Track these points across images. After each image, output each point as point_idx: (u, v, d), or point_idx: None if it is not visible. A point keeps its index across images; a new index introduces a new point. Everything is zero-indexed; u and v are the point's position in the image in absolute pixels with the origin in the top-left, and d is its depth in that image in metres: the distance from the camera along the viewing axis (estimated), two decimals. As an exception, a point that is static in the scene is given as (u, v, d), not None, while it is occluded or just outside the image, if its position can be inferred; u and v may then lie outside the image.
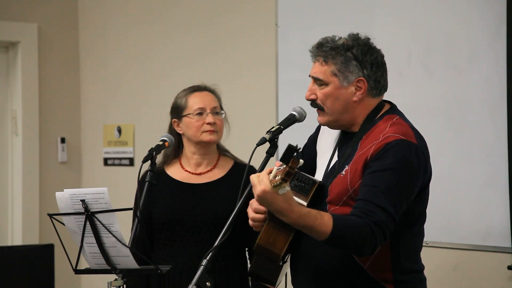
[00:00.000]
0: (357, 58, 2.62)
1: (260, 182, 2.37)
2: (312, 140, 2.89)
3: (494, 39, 3.46)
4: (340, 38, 2.66)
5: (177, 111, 3.39)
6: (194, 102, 3.35)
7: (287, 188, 2.34)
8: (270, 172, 2.41)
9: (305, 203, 2.53)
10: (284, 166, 2.33)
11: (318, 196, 2.59)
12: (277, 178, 2.35)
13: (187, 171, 3.39)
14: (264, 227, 2.58)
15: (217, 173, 3.38)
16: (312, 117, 2.85)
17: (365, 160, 2.53)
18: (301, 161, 2.33)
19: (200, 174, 3.39)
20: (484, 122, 3.51)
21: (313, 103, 2.68)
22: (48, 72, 5.61)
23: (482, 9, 3.51)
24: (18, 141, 5.54)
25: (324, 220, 2.42)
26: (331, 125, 2.71)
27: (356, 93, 2.63)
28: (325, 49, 2.63)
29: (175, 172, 3.41)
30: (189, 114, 3.34)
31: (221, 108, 3.40)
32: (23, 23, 5.52)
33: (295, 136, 3.14)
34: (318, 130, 2.89)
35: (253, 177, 2.39)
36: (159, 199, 3.34)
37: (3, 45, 5.56)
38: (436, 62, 3.66)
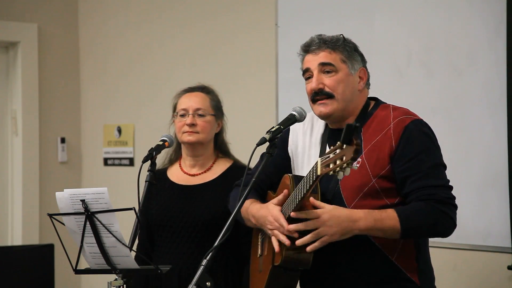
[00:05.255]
0: (357, 50, 2.75)
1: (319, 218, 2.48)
2: (281, 147, 2.86)
3: (494, 39, 3.46)
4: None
5: (172, 112, 3.41)
6: (180, 103, 3.36)
7: (355, 166, 2.28)
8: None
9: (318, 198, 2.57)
10: (338, 150, 2.30)
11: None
12: (337, 163, 2.27)
13: (184, 172, 3.40)
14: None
15: (210, 176, 3.36)
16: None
17: (390, 147, 2.60)
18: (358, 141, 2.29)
19: (194, 175, 3.38)
20: (484, 122, 3.50)
21: (321, 92, 2.70)
22: (48, 72, 5.61)
23: (482, 9, 3.51)
24: (18, 141, 5.53)
25: (388, 213, 2.53)
26: (335, 114, 2.71)
27: (359, 82, 2.73)
28: (330, 41, 2.72)
29: (173, 173, 3.41)
30: (175, 115, 3.36)
31: (215, 110, 3.36)
32: (23, 23, 5.52)
33: (295, 136, 3.13)
34: (286, 135, 2.88)
35: (307, 220, 2.51)
36: (155, 201, 3.34)
37: (3, 45, 5.56)
38: (436, 62, 3.66)
